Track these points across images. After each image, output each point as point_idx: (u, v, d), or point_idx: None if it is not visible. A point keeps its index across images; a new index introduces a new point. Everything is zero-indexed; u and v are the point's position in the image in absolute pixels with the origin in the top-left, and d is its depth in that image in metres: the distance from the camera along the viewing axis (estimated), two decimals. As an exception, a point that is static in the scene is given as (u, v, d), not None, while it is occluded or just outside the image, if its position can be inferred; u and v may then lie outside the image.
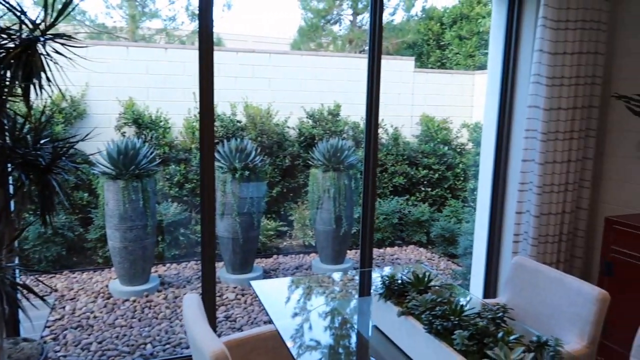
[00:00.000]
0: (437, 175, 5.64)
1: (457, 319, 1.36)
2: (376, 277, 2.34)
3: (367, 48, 2.99)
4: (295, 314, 1.83)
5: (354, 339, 1.69)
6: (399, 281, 1.64)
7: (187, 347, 3.12)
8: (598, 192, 3.20)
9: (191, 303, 1.51)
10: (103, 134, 4.44)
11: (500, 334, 1.28)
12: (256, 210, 4.15)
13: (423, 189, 5.66)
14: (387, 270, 2.70)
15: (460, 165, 5.79)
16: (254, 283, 2.08)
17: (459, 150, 5.91)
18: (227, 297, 3.87)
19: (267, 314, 1.79)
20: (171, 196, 4.65)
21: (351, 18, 7.42)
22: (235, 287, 4.06)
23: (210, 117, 2.51)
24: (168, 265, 4.47)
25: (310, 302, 1.98)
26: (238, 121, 4.98)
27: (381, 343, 1.60)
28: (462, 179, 5.80)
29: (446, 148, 5.72)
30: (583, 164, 3.08)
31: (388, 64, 5.87)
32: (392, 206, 5.31)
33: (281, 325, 1.69)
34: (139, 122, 4.56)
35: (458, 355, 1.26)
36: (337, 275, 2.69)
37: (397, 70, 5.92)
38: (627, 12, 2.98)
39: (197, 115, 3.70)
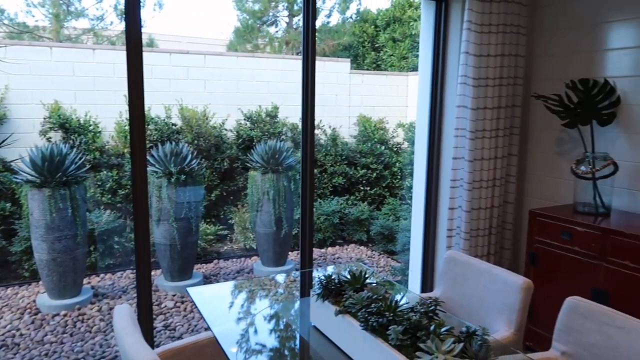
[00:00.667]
0: (375, 174, 5.76)
1: (391, 314, 1.40)
2: (317, 277, 2.35)
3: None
4: (238, 319, 1.81)
5: (292, 340, 1.69)
6: (336, 281, 1.66)
7: (124, 360, 3.01)
8: (523, 186, 3.40)
9: (122, 314, 1.45)
10: (26, 139, 4.19)
11: (432, 327, 1.33)
12: (194, 215, 4.06)
13: (362, 188, 5.76)
14: (330, 269, 2.72)
15: (397, 164, 5.94)
16: (190, 290, 2.03)
17: (395, 149, 6.06)
18: (165, 306, 3.76)
19: (205, 320, 1.75)
20: (103, 203, 4.45)
21: (287, 20, 7.43)
22: (174, 295, 3.95)
23: (141, 121, 2.42)
24: (102, 275, 4.28)
25: (252, 305, 1.96)
26: (173, 124, 4.85)
27: (320, 343, 1.61)
28: (399, 177, 5.96)
29: (383, 147, 5.86)
30: (509, 160, 3.25)
31: (325, 66, 5.93)
32: (333, 206, 5.37)
33: (221, 331, 1.66)
34: (66, 126, 4.34)
35: (393, 350, 1.29)
36: (280, 277, 2.68)
37: (333, 71, 6.00)
38: (543, 17, 3.19)
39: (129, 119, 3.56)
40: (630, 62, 2.75)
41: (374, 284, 1.65)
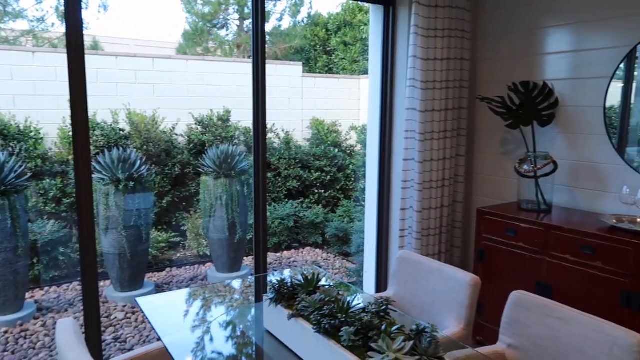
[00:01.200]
0: (329, 177, 5.79)
1: (344, 316, 1.40)
2: (270, 281, 2.34)
3: (252, 53, 2.97)
4: (193, 327, 1.77)
5: (245, 347, 1.67)
6: (289, 284, 1.65)
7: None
8: (471, 186, 3.50)
9: (65, 328, 1.39)
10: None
11: (383, 327, 1.34)
12: (144, 223, 3.95)
13: (316, 191, 5.78)
14: (286, 273, 2.71)
15: (351, 166, 6.00)
16: (140, 300, 1.97)
17: (348, 152, 6.12)
18: (115, 317, 3.63)
19: (155, 331, 1.70)
20: (47, 213, 4.26)
21: (238, 23, 7.37)
22: (124, 306, 3.82)
23: (84, 126, 2.34)
24: (47, 288, 4.08)
25: (207, 313, 1.92)
26: (121, 129, 4.70)
27: (273, 348, 1.60)
28: (353, 179, 6.01)
29: (336, 150, 5.90)
30: (457, 161, 3.35)
31: (277, 69, 5.92)
32: (287, 210, 5.35)
33: (172, 341, 1.62)
34: (5, 133, 4.12)
35: (345, 351, 1.30)
36: (236, 283, 2.65)
37: (286, 75, 5.99)
38: (486, 23, 3.31)
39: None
40: (566, 65, 2.90)
41: (327, 287, 1.65)
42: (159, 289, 4.25)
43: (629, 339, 1.41)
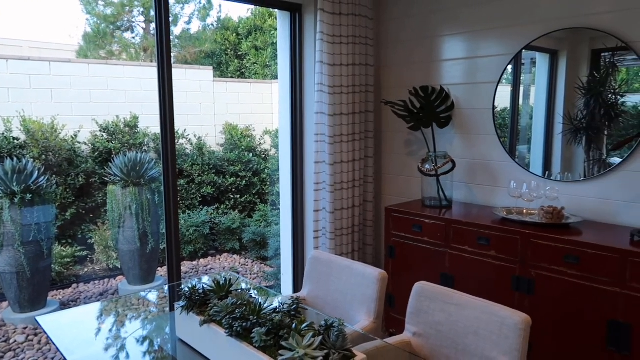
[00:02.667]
0: (244, 182, 5.76)
1: (255, 317, 1.43)
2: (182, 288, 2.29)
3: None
4: (96, 344, 1.70)
5: (155, 355, 1.64)
6: (201, 291, 1.65)
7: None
8: (380, 186, 3.67)
9: None
10: None
11: (294, 325, 1.38)
12: (45, 237, 3.69)
13: (232, 196, 5.73)
14: (205, 279, 2.67)
15: (266, 170, 6.01)
16: (40, 319, 1.86)
17: (263, 156, 6.13)
18: (15, 341, 3.36)
19: (59, 350, 1.62)
20: None
21: (144, 26, 7.11)
22: (25, 328, 3.55)
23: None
24: None
25: (112, 328, 1.85)
26: (15, 138, 4.36)
27: (187, 355, 1.58)
28: (268, 183, 6.03)
29: (251, 155, 5.89)
30: (366, 162, 3.49)
31: (187, 74, 5.79)
32: (202, 217, 5.26)
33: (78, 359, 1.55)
34: None
35: (257, 352, 1.32)
36: (151, 295, 2.56)
37: (196, 79, 5.88)
38: (388, 30, 3.48)
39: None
40: (460, 71, 3.14)
41: (239, 290, 1.67)
42: (65, 306, 3.99)
43: (515, 318, 1.57)
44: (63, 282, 4.38)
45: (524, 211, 2.74)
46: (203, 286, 1.66)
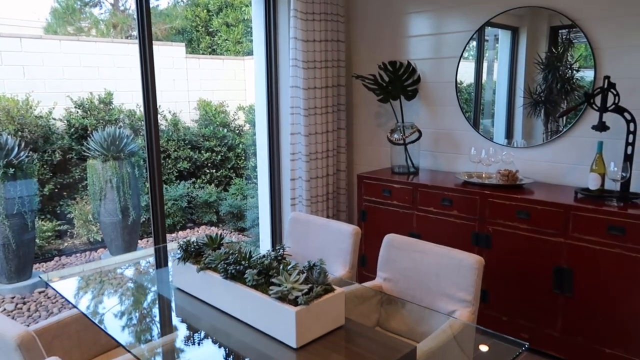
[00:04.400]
0: (219, 157, 5.90)
1: (247, 262, 1.64)
2: (171, 249, 2.48)
3: (133, 33, 3.01)
4: (98, 296, 1.88)
5: (158, 304, 1.83)
6: (195, 244, 1.84)
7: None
8: (352, 155, 3.89)
9: None
10: None
11: (281, 267, 1.60)
12: (28, 210, 3.79)
13: (208, 171, 5.86)
14: (194, 238, 2.83)
15: (241, 145, 6.16)
16: (43, 275, 2.02)
17: (237, 131, 6.26)
18: (5, 309, 3.49)
19: (67, 300, 1.79)
20: None
21: (112, 1, 7.04)
22: (13, 297, 3.67)
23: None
24: None
25: (110, 283, 2.03)
26: (-11, 115, 4.37)
27: (185, 301, 1.78)
28: (243, 158, 6.18)
29: (225, 130, 6.01)
30: (339, 134, 3.69)
31: (159, 50, 5.82)
32: (180, 191, 5.39)
33: (86, 306, 1.73)
34: None
35: (250, 290, 1.53)
36: (137, 254, 2.72)
37: (168, 56, 5.93)
38: (357, 7, 3.66)
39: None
40: (426, 47, 3.35)
41: (230, 242, 1.87)
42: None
43: (470, 260, 1.83)
44: (45, 256, 4.47)
45: (483, 175, 3.01)
46: (196, 240, 1.86)
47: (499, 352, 1.50)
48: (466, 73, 3.21)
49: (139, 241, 4.74)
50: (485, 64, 3.14)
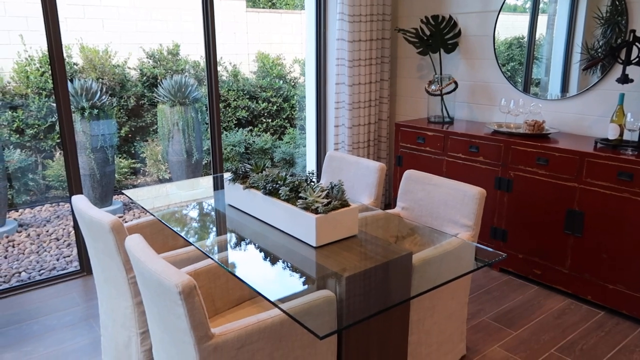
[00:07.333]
0: (275, 107, 6.30)
1: (282, 182, 2.02)
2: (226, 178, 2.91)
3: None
4: (172, 208, 2.34)
5: (215, 215, 2.27)
6: (243, 168, 2.24)
7: (62, 269, 3.42)
8: (394, 106, 4.15)
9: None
10: None
11: (307, 185, 1.97)
12: (109, 146, 4.39)
13: (264, 120, 6.30)
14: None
15: (295, 97, 6.52)
16: (126, 191, 2.52)
17: (292, 83, 6.61)
18: (90, 229, 4.15)
19: (145, 209, 2.26)
20: (12, 143, 4.58)
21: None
22: (97, 220, 4.33)
23: (60, 59, 2.75)
24: (21, 210, 4.50)
25: (182, 197, 2.50)
26: (75, 63, 4.97)
27: (234, 213, 2.21)
28: (297, 109, 6.56)
29: (281, 82, 6.38)
30: (382, 85, 3.96)
31: (221, 5, 6.20)
32: (238, 137, 5.87)
33: (159, 215, 2.20)
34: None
35: (283, 202, 1.92)
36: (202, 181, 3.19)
37: (230, 10, 6.30)
38: (405, -38, 3.82)
39: (28, 59, 3.75)
40: (469, 1, 3.50)
41: (270, 167, 2.26)
42: (126, 206, 4.76)
43: (473, 191, 2.12)
44: (122, 189, 5.13)
45: (512, 125, 3.21)
46: (244, 166, 2.26)
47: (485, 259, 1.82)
48: (518, 27, 3.20)
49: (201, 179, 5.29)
50: (541, 17, 3.08)
